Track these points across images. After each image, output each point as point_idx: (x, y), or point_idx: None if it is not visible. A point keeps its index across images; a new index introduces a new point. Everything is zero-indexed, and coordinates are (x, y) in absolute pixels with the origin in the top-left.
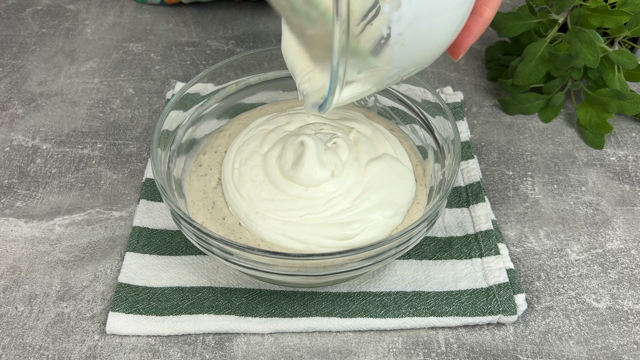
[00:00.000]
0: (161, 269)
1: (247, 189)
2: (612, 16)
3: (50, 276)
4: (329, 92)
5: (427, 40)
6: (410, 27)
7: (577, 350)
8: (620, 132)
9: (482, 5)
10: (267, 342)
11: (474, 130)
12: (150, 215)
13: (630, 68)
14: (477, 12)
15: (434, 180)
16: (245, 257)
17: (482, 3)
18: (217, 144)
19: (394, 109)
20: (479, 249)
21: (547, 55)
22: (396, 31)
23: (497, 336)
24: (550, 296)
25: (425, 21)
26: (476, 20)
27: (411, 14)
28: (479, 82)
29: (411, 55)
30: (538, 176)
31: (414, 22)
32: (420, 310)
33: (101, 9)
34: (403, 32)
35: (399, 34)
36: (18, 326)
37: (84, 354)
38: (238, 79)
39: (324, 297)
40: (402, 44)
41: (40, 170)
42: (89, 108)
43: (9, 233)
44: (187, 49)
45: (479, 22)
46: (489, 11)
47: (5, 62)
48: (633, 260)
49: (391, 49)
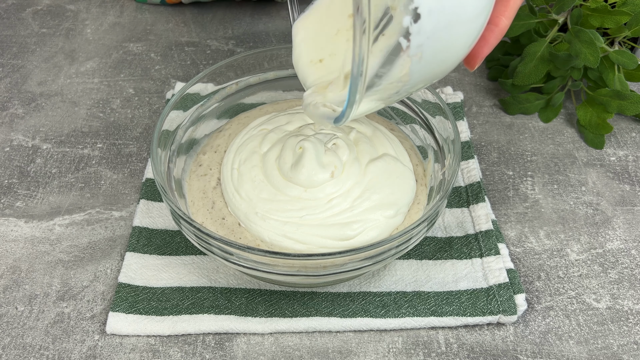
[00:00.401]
0: (161, 269)
1: (247, 189)
2: (612, 16)
3: (50, 276)
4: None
5: (446, 51)
6: (429, 39)
7: (577, 350)
8: (620, 132)
9: (498, 15)
10: (267, 342)
11: (474, 130)
12: (150, 215)
13: (630, 68)
14: (494, 22)
15: (434, 180)
16: (245, 257)
17: (499, 13)
18: (217, 143)
19: (394, 109)
20: (479, 249)
21: (547, 55)
22: (415, 43)
23: (497, 336)
24: (550, 296)
25: (444, 32)
26: (492, 30)
27: (430, 26)
28: (479, 82)
29: (429, 67)
30: (538, 176)
31: (433, 34)
32: (420, 310)
33: (101, 9)
34: (422, 45)
35: (418, 46)
36: (18, 326)
37: (84, 354)
38: (238, 79)
39: (324, 297)
40: (421, 57)
41: (40, 170)
42: (89, 108)
43: (9, 233)
44: (187, 49)
45: (495, 32)
46: (505, 21)
47: (5, 62)
48: (633, 260)
49: (410, 62)
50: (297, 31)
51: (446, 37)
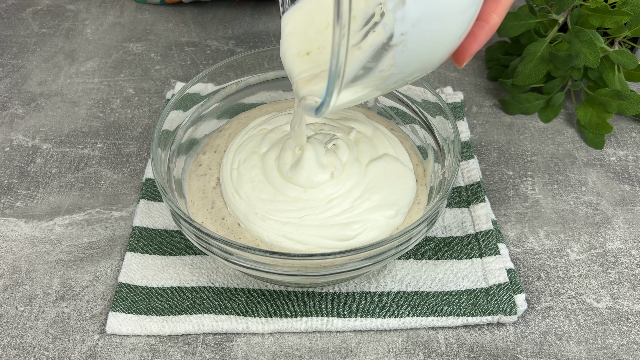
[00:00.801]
0: (161, 269)
1: (246, 190)
2: (612, 16)
3: (50, 276)
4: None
5: (431, 43)
6: (414, 27)
7: (577, 350)
8: (620, 132)
9: (488, 11)
10: (267, 342)
11: (474, 130)
12: (150, 215)
13: (630, 68)
14: (484, 19)
15: (434, 180)
16: (245, 257)
17: (489, 9)
18: (217, 143)
19: (394, 109)
20: (479, 249)
21: (547, 55)
22: (399, 31)
23: (497, 336)
24: (550, 296)
25: (430, 23)
26: (482, 27)
27: (415, 14)
28: (479, 82)
29: (414, 58)
30: (538, 176)
31: (417, 23)
32: (420, 310)
33: (101, 9)
34: (406, 32)
35: (402, 33)
36: (18, 326)
37: (84, 354)
38: (238, 79)
39: (324, 297)
40: (405, 45)
41: (40, 170)
42: (89, 108)
43: (9, 233)
44: (187, 49)
45: (485, 29)
46: (496, 17)
47: (5, 62)
48: (633, 260)
49: (393, 51)
50: (286, 23)
51: (432, 28)
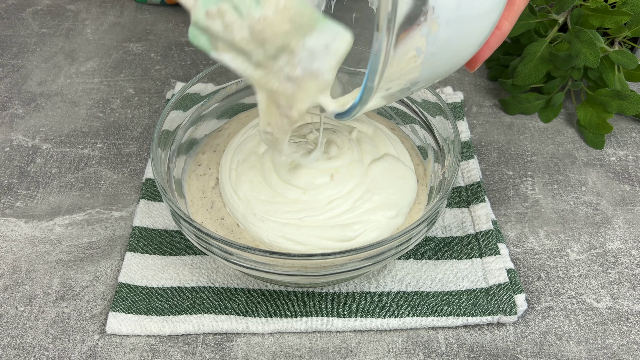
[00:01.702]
0: (161, 269)
1: (245, 190)
2: (612, 16)
3: (50, 276)
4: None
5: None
6: (443, 47)
7: (577, 350)
8: (620, 132)
9: (501, 19)
10: (267, 342)
11: (474, 130)
12: (150, 215)
13: (630, 68)
14: (497, 26)
15: (434, 180)
16: (245, 257)
17: (502, 17)
18: (216, 143)
19: (394, 108)
20: (479, 249)
21: (547, 55)
22: (430, 52)
23: (497, 336)
24: (550, 296)
25: (456, 42)
26: (494, 34)
27: (446, 36)
28: (479, 82)
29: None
30: (538, 176)
31: (446, 43)
32: (420, 310)
33: (101, 9)
34: (436, 53)
35: (432, 54)
36: (18, 326)
37: (84, 354)
38: (238, 79)
39: (324, 297)
40: (433, 62)
41: (40, 170)
42: (89, 108)
43: (9, 233)
44: (187, 49)
45: (497, 35)
46: (507, 25)
47: (5, 62)
48: (633, 260)
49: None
50: None
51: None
